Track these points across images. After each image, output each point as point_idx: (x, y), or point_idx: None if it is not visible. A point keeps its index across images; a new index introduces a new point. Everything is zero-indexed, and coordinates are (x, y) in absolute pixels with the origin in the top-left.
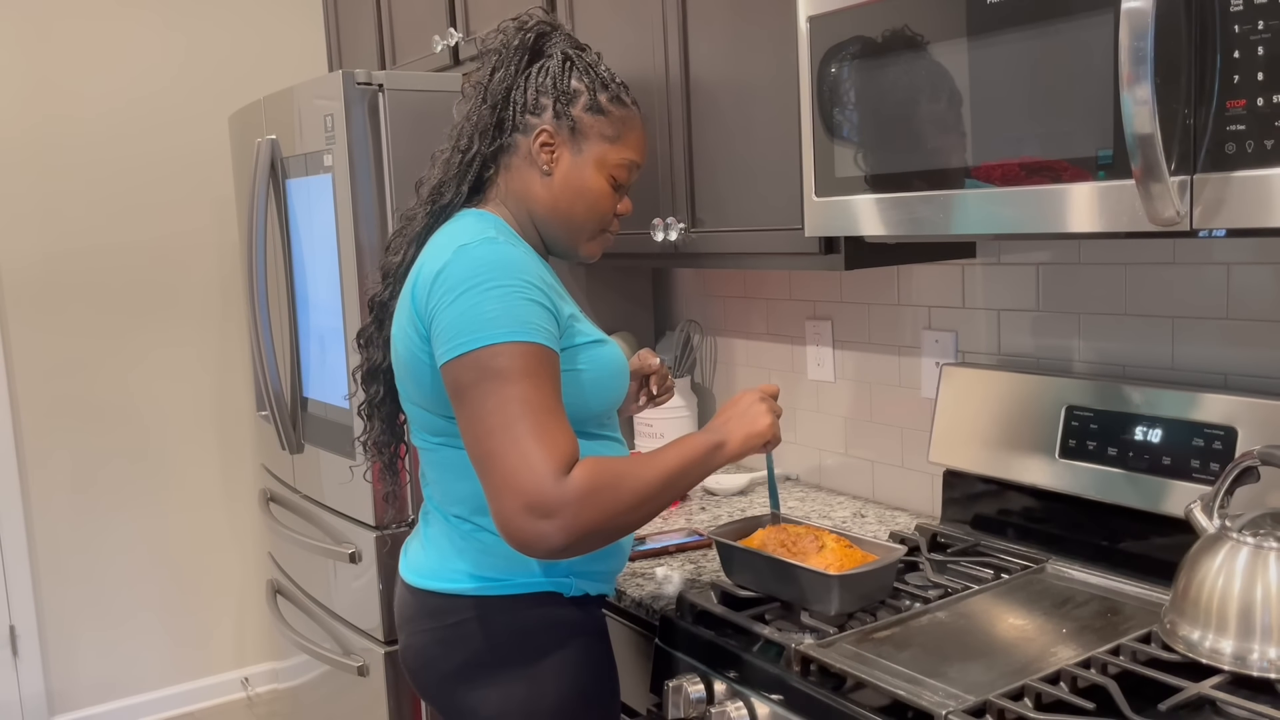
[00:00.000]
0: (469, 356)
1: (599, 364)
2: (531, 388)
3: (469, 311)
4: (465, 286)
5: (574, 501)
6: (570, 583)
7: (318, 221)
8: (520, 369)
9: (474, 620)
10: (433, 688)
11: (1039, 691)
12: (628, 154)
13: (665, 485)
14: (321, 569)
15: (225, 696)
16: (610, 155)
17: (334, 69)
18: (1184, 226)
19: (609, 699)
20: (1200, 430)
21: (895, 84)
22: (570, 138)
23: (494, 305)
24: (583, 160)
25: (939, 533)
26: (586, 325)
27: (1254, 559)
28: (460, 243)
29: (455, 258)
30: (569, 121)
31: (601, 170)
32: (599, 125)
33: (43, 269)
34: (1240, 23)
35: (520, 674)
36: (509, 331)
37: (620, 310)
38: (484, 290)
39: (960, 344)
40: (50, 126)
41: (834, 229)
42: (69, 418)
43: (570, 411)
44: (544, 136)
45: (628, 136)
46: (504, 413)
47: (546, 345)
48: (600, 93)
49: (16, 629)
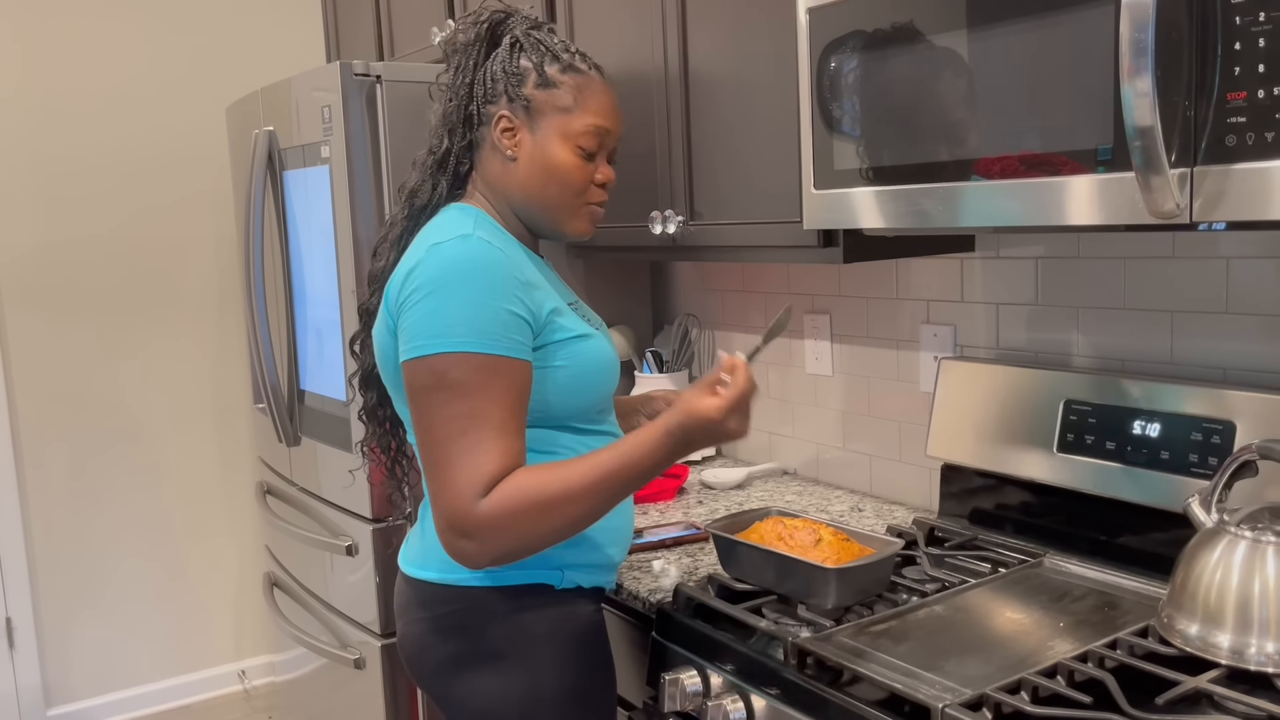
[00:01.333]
0: (425, 361)
1: (580, 360)
2: (480, 402)
3: (432, 314)
4: (432, 287)
5: (488, 525)
6: (560, 575)
7: (315, 213)
8: (472, 382)
9: (465, 611)
10: (426, 677)
11: (1036, 685)
12: (588, 119)
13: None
14: (318, 562)
15: (222, 689)
16: (571, 124)
17: (332, 60)
18: (1184, 219)
19: (600, 693)
20: (1199, 424)
21: (894, 77)
22: (527, 118)
23: (457, 311)
24: (543, 137)
25: (936, 527)
26: (572, 319)
27: (1252, 553)
28: (434, 241)
29: (427, 256)
30: (522, 102)
31: (566, 142)
32: (552, 98)
33: (39, 261)
34: (1241, 15)
35: (509, 666)
36: (467, 341)
37: (618, 303)
38: (449, 293)
39: (959, 338)
40: (47, 118)
41: (832, 222)
42: (66, 410)
43: (552, 409)
44: (503, 122)
45: (586, 102)
46: (447, 427)
47: (507, 356)
48: (549, 65)
49: (13, 621)
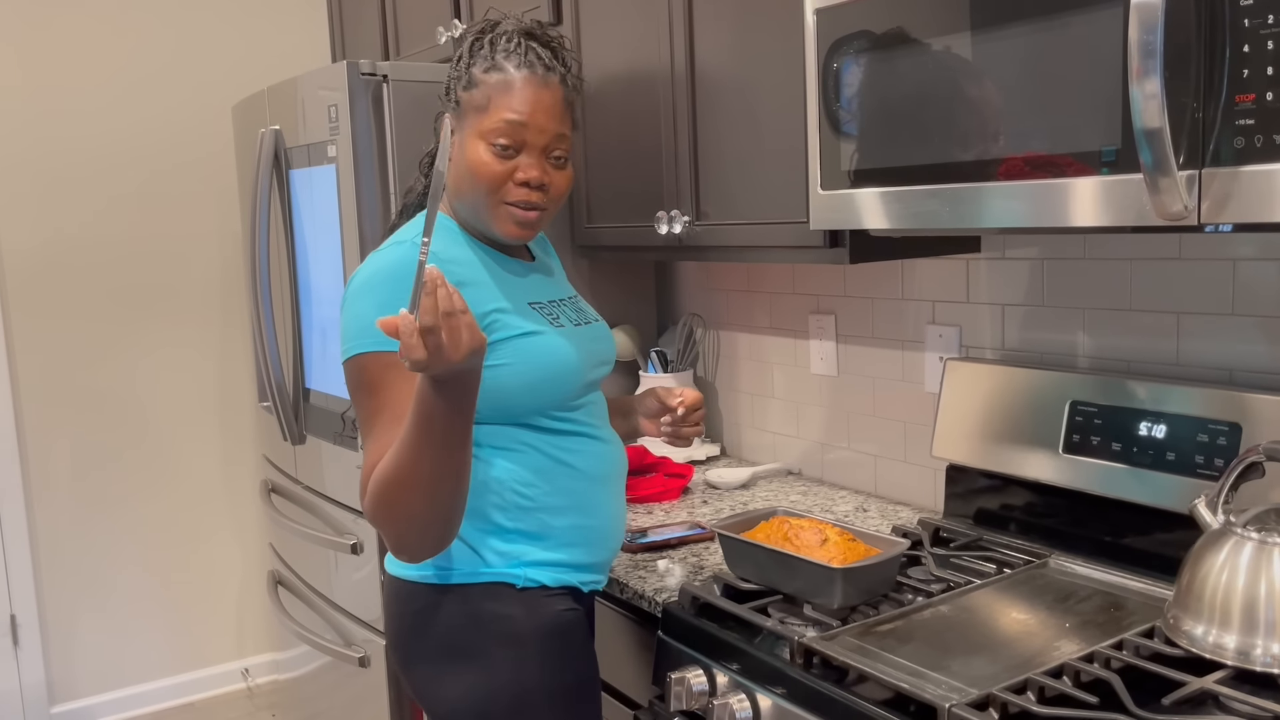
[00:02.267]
0: (347, 363)
1: (524, 356)
2: (385, 399)
3: (351, 319)
4: (355, 293)
5: (372, 518)
6: (520, 574)
7: (321, 212)
8: (380, 381)
9: (432, 607)
10: (405, 671)
11: (1042, 685)
12: (498, 115)
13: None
14: (323, 560)
15: (225, 687)
16: (484, 123)
17: (338, 59)
18: (1191, 221)
19: (566, 694)
20: (1205, 426)
21: (901, 77)
22: (458, 120)
23: (372, 314)
24: (465, 137)
25: (941, 527)
26: (517, 319)
27: (1258, 554)
28: (380, 247)
29: (364, 263)
30: (454, 104)
31: (480, 140)
32: (473, 99)
33: (45, 259)
34: (1250, 17)
35: (471, 664)
36: (374, 341)
37: (623, 303)
38: (366, 298)
39: (964, 338)
40: (53, 117)
41: (839, 222)
42: (70, 408)
43: (508, 406)
44: (449, 124)
45: (500, 99)
46: (363, 426)
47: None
48: (476, 66)
49: (17, 618)
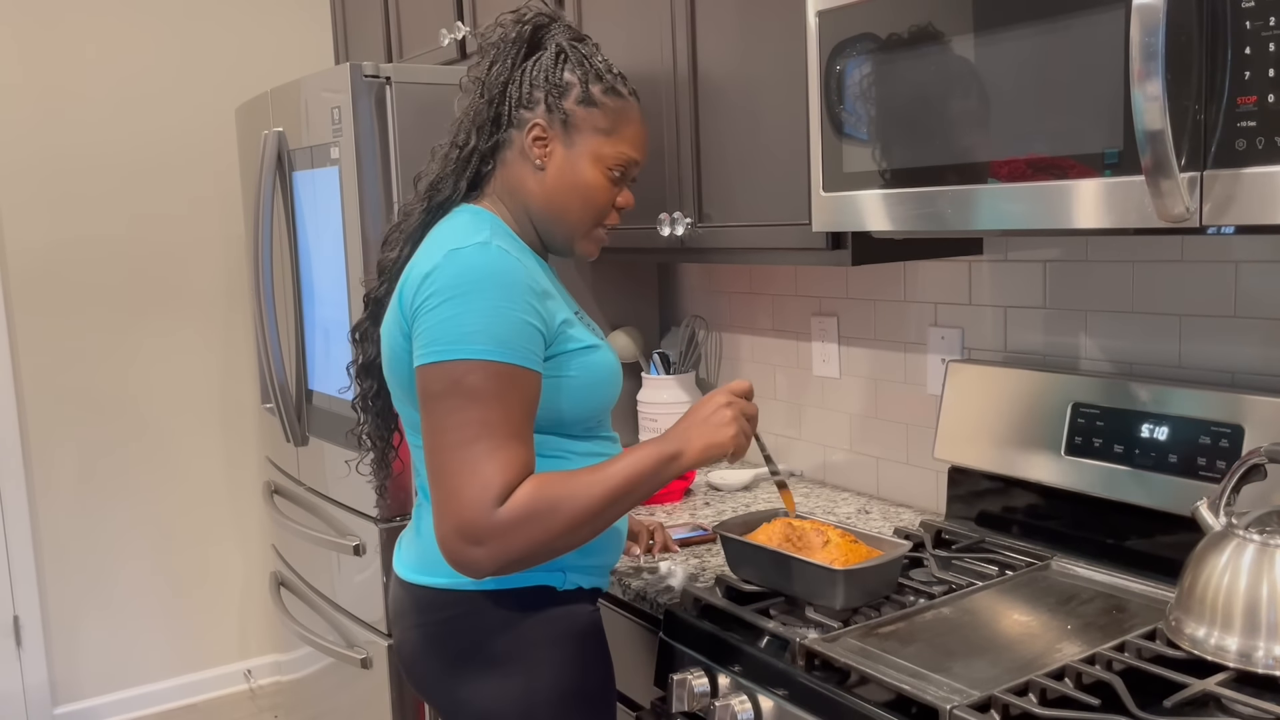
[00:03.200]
0: (442, 366)
1: (589, 370)
2: (495, 410)
3: (450, 320)
4: (451, 293)
5: (503, 531)
6: (563, 577)
7: (324, 214)
8: (488, 390)
9: (465, 615)
10: (427, 682)
11: (1044, 687)
12: (623, 148)
13: (609, 504)
14: (325, 561)
15: (228, 688)
16: (604, 148)
17: (341, 61)
18: (1193, 223)
19: (602, 693)
20: (1207, 428)
21: (903, 79)
22: (563, 131)
23: (475, 319)
24: (576, 154)
25: (944, 529)
26: (580, 330)
27: (1260, 556)
28: (452, 245)
29: (445, 261)
30: (561, 115)
31: (597, 164)
32: (592, 118)
33: (49, 260)
34: (1252, 19)
35: (512, 669)
36: (485, 349)
37: (625, 305)
38: (468, 300)
39: (966, 341)
40: (56, 118)
41: (841, 224)
42: (74, 409)
43: (560, 416)
44: (536, 130)
45: (623, 129)
46: (461, 432)
47: (523, 366)
48: (593, 84)
49: (20, 619)
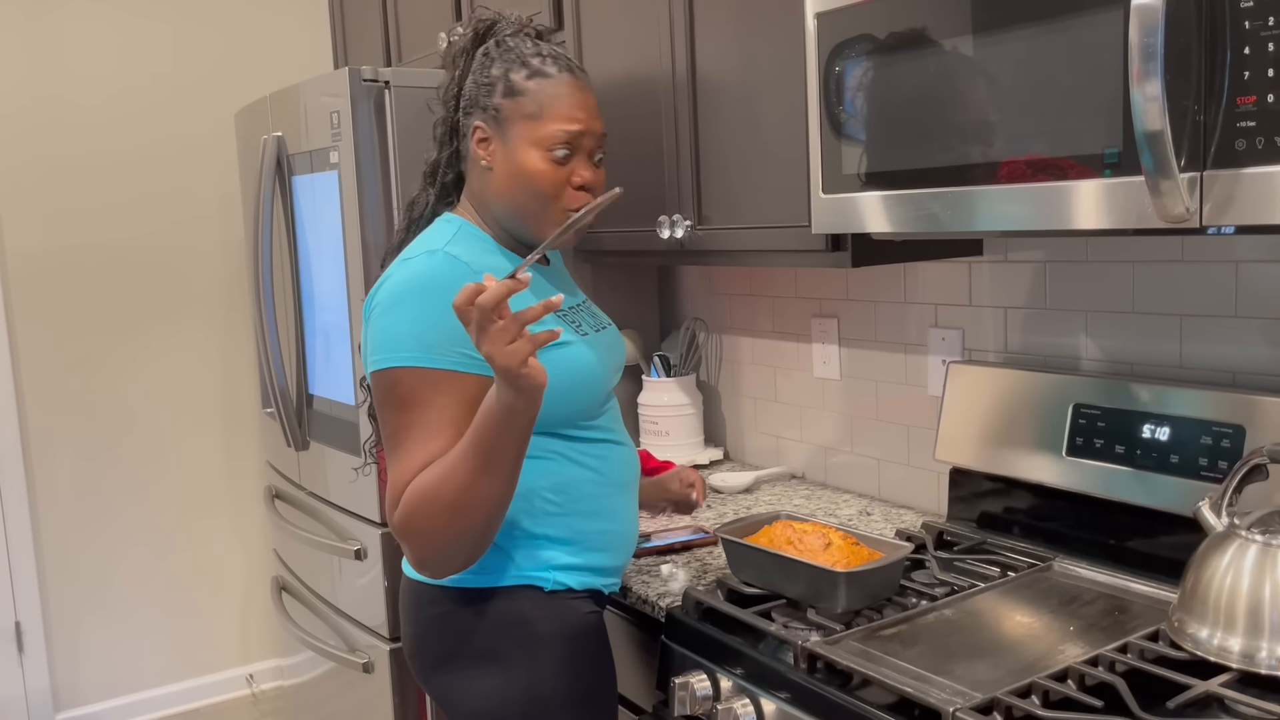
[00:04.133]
0: (378, 375)
1: (558, 367)
2: (419, 415)
3: (385, 329)
4: (389, 303)
5: (403, 532)
6: (549, 577)
7: (323, 218)
8: (414, 396)
9: (456, 611)
10: (423, 675)
11: (1047, 689)
12: (553, 126)
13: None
14: (327, 566)
15: (230, 693)
16: (537, 132)
17: (340, 66)
18: (1193, 223)
19: (595, 694)
20: (1208, 428)
21: (902, 81)
22: (497, 127)
23: (406, 326)
24: (512, 146)
25: (945, 530)
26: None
27: (1262, 557)
28: (406, 256)
29: (394, 271)
30: (492, 112)
31: (534, 149)
32: (519, 106)
33: (49, 266)
34: (1251, 19)
35: (496, 667)
36: (411, 356)
37: (626, 308)
38: (401, 309)
39: (967, 342)
40: (56, 124)
41: (841, 226)
42: (74, 414)
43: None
44: (479, 133)
45: (551, 107)
46: (392, 439)
47: (452, 370)
48: (515, 73)
49: (22, 625)
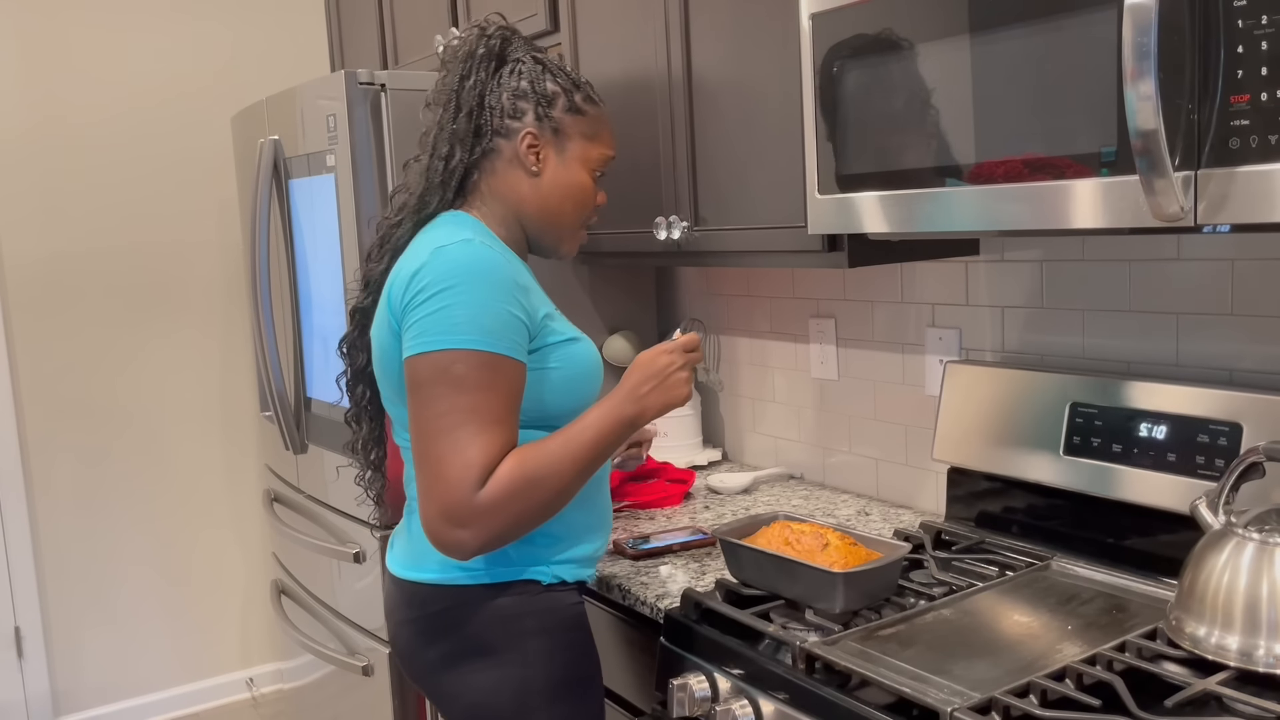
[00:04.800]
0: (430, 356)
1: (571, 362)
2: (480, 397)
3: (438, 313)
4: (439, 288)
5: (486, 512)
6: (548, 571)
7: (321, 222)
8: (474, 378)
9: (453, 609)
10: (418, 675)
11: (1045, 688)
12: (605, 150)
13: (581, 472)
14: (326, 569)
15: (230, 697)
16: (590, 151)
17: (336, 69)
18: (1188, 222)
19: (590, 683)
20: (1205, 426)
21: (897, 81)
22: (554, 139)
23: (462, 310)
24: (567, 159)
25: (943, 530)
26: (561, 323)
27: (1259, 555)
28: (438, 244)
29: (432, 258)
30: (551, 123)
31: (584, 166)
32: (579, 125)
33: (46, 270)
34: (1244, 17)
35: (501, 661)
36: (472, 339)
37: (623, 309)
38: (455, 294)
39: (964, 341)
40: (53, 127)
41: (837, 226)
42: (73, 418)
43: (547, 409)
44: (529, 139)
45: (602, 133)
46: (446, 419)
47: (507, 355)
48: (575, 93)
49: (21, 630)
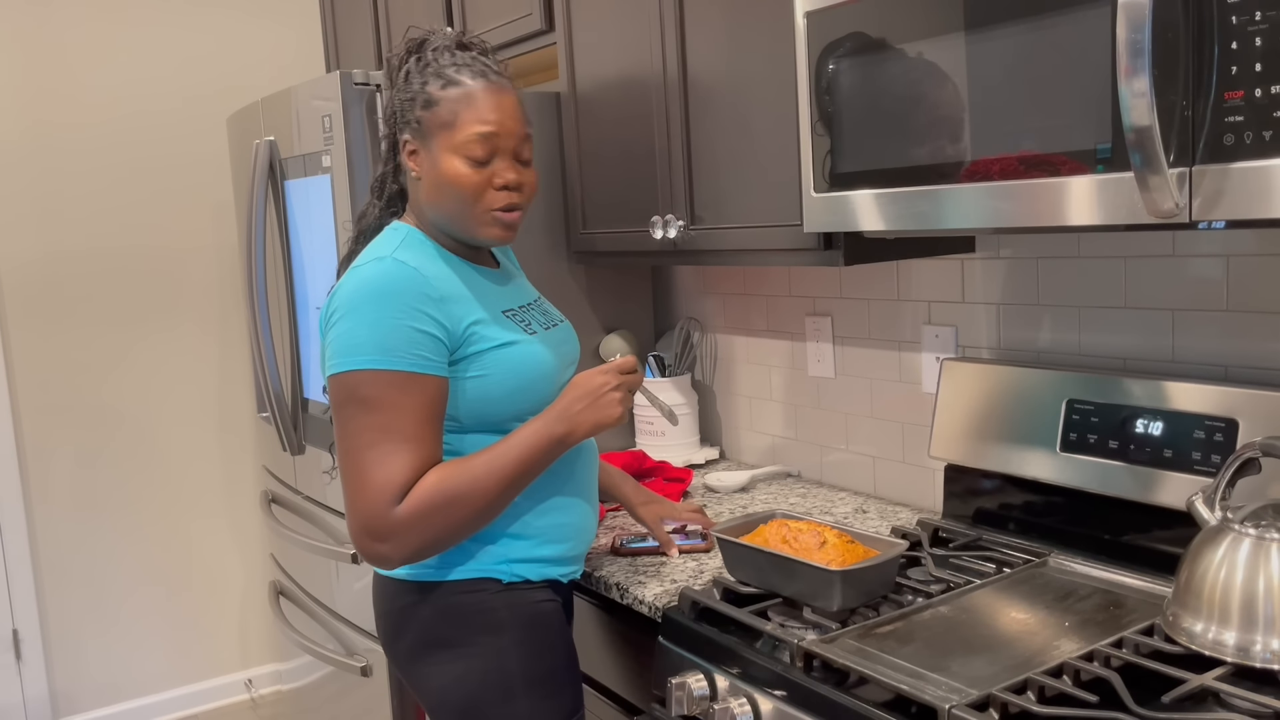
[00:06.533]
0: (339, 378)
1: (505, 366)
2: (391, 416)
3: (344, 334)
4: (346, 309)
5: (403, 528)
6: (508, 569)
7: (316, 222)
8: (381, 397)
9: (417, 604)
10: (395, 664)
11: (1042, 685)
12: (467, 130)
13: (504, 490)
14: (323, 570)
15: (229, 698)
16: (454, 138)
17: (331, 70)
18: (1183, 218)
19: (548, 681)
20: (1201, 422)
21: (893, 79)
22: (421, 140)
23: (364, 331)
24: (434, 155)
25: (941, 528)
26: (496, 329)
27: (1256, 550)
28: (357, 264)
29: (346, 280)
30: (415, 125)
31: (453, 155)
32: (435, 117)
33: (42, 271)
34: (1238, 14)
35: (458, 654)
36: (373, 359)
37: (620, 308)
38: (358, 315)
39: (960, 338)
40: (49, 129)
41: (833, 225)
42: (70, 420)
43: (487, 414)
44: (408, 146)
45: (463, 114)
46: (358, 439)
47: (414, 372)
48: (431, 84)
49: (20, 632)
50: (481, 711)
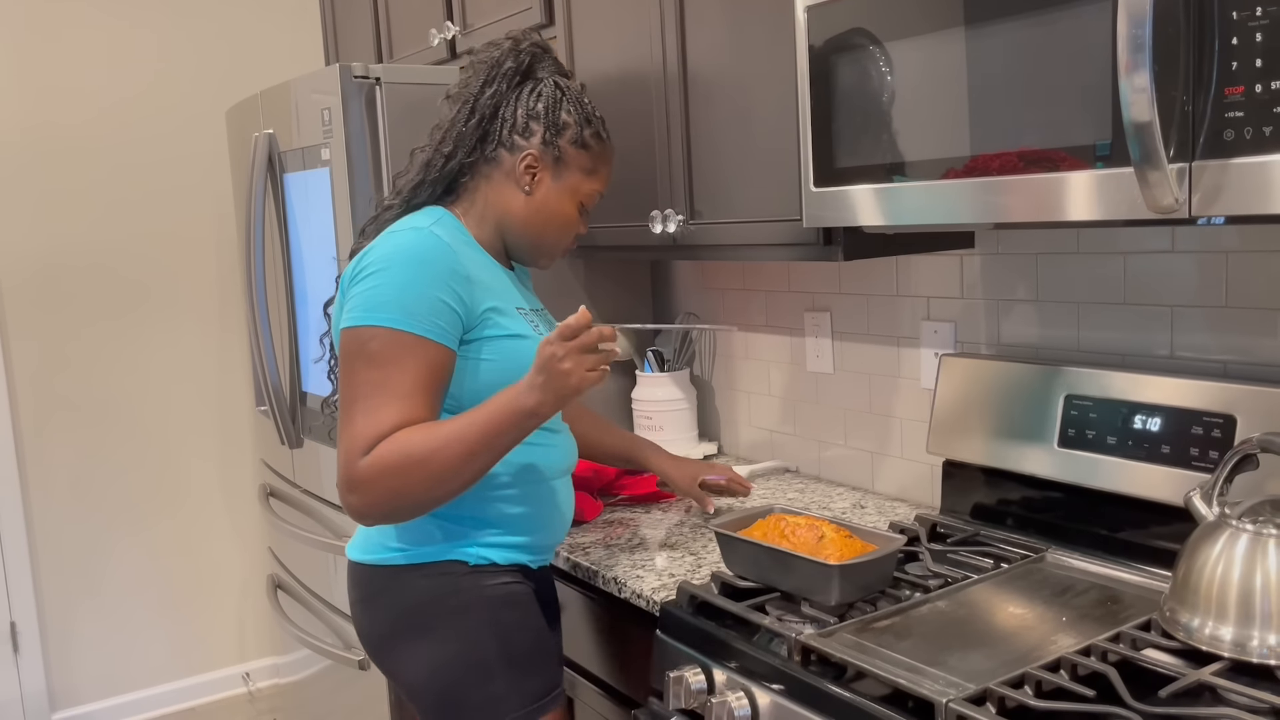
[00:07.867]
0: (354, 330)
1: (508, 356)
2: (390, 373)
3: (369, 291)
4: (376, 268)
5: (367, 481)
6: (474, 552)
7: (316, 215)
8: (387, 355)
9: (387, 589)
10: (368, 650)
11: (1039, 679)
12: (599, 186)
13: (468, 459)
14: (321, 563)
15: (226, 691)
16: (584, 186)
17: (331, 63)
18: (1183, 214)
19: (521, 658)
20: (1199, 418)
21: (892, 74)
22: (553, 165)
23: (390, 290)
24: (560, 187)
25: (938, 523)
26: (511, 321)
27: (1253, 546)
28: (394, 229)
29: (380, 241)
30: (555, 151)
31: (574, 198)
32: (580, 158)
33: (40, 265)
34: (1238, 9)
35: (431, 636)
36: (392, 318)
37: (619, 303)
38: (387, 274)
39: (959, 334)
40: (47, 123)
41: (832, 220)
42: (68, 414)
43: (471, 399)
44: (529, 159)
45: (601, 170)
46: (355, 390)
47: (425, 337)
48: (585, 128)
49: (17, 625)
50: (457, 695)
